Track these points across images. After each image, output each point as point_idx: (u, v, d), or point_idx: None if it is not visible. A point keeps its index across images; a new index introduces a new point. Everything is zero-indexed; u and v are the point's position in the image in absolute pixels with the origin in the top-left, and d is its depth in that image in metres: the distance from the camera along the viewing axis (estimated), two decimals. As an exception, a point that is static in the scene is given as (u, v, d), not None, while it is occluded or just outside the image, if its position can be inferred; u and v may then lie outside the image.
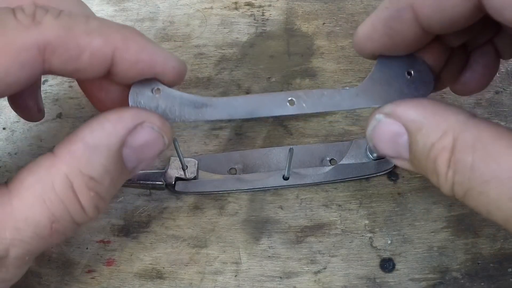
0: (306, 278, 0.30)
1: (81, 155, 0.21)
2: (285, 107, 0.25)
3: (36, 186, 0.21)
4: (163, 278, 0.30)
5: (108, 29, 0.22)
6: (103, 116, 0.22)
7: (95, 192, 0.22)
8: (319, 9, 0.41)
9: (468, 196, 0.20)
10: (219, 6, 0.41)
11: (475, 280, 0.29)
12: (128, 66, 0.22)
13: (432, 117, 0.21)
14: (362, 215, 0.32)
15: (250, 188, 0.32)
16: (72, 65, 0.21)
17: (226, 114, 0.25)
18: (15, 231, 0.20)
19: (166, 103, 0.24)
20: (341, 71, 0.37)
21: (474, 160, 0.19)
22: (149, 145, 0.23)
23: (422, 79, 0.25)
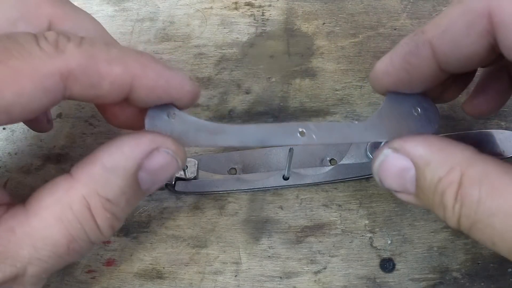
0: (306, 278, 0.30)
1: (99, 177, 0.22)
2: (296, 137, 0.26)
3: (55, 207, 0.21)
4: (163, 278, 0.30)
5: (127, 57, 0.22)
6: (121, 140, 0.23)
7: (111, 213, 0.22)
8: (319, 9, 0.41)
9: (474, 229, 0.21)
10: (219, 6, 0.41)
11: (475, 280, 0.29)
12: (146, 92, 0.23)
13: (440, 153, 0.22)
14: (362, 215, 0.32)
15: (250, 188, 0.32)
16: (92, 92, 0.22)
17: (239, 141, 0.26)
18: (33, 249, 0.21)
19: (181, 127, 0.25)
20: (341, 71, 0.38)
21: (481, 194, 0.20)
22: (164, 168, 0.24)
23: (428, 116, 0.26)
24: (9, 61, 0.20)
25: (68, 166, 0.34)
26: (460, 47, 0.23)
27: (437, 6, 0.41)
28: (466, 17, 0.22)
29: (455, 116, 0.35)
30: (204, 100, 0.36)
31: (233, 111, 0.36)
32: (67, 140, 0.35)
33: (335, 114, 0.36)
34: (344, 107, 0.36)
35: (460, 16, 0.22)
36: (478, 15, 0.22)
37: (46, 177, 0.33)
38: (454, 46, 0.23)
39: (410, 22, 0.40)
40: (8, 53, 0.20)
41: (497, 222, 0.20)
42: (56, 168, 0.34)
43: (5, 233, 0.21)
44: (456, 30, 0.22)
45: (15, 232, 0.21)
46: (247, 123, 0.35)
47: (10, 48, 0.20)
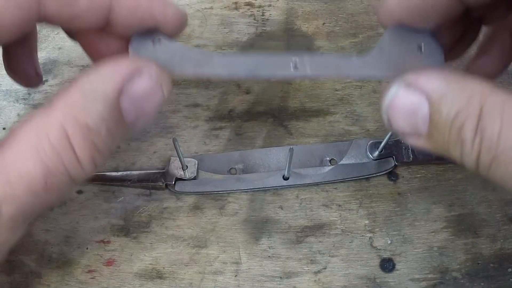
0: (306, 278, 0.30)
1: (77, 102, 0.20)
2: (288, 69, 0.24)
3: (30, 137, 0.20)
4: (163, 278, 0.30)
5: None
6: (101, 64, 0.21)
7: (91, 141, 0.20)
8: (319, 9, 0.41)
9: (495, 164, 0.19)
10: (219, 6, 0.41)
11: (475, 280, 0.29)
12: (127, 12, 0.21)
13: (456, 85, 0.20)
14: (362, 215, 0.32)
15: (250, 188, 0.32)
16: (68, 9, 0.21)
17: (227, 71, 0.24)
18: (7, 185, 0.19)
19: (166, 55, 0.24)
20: (341, 71, 0.37)
21: (503, 125, 0.19)
22: (148, 95, 0.22)
23: (433, 54, 0.25)
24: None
25: (68, 166, 0.34)
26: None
27: (437, 6, 0.41)
28: None
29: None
30: (204, 100, 0.36)
31: (233, 111, 0.36)
32: (67, 140, 0.35)
33: (335, 114, 0.36)
34: (344, 107, 0.36)
35: None
36: None
37: (46, 177, 0.33)
38: None
39: (410, 22, 0.40)
40: None
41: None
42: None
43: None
44: None
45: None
46: (246, 123, 0.35)
47: None
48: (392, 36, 0.25)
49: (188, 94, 0.37)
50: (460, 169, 0.33)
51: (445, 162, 0.33)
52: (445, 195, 0.32)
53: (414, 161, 0.33)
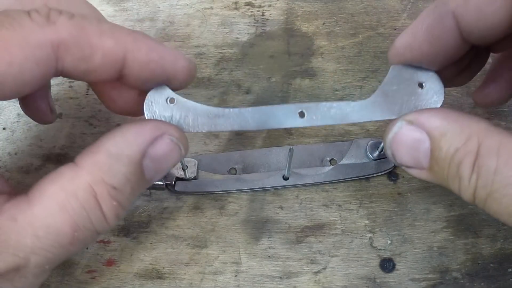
0: (306, 278, 0.30)
1: (104, 165, 0.22)
2: (296, 119, 0.26)
3: (59, 195, 0.21)
4: (163, 278, 0.30)
5: (119, 31, 0.22)
6: (125, 127, 0.23)
7: (117, 201, 0.22)
8: (319, 9, 0.41)
9: (491, 200, 0.20)
10: (219, 6, 0.41)
11: (475, 280, 0.29)
12: (140, 67, 0.23)
13: (456, 124, 0.22)
14: (362, 215, 0.32)
15: (250, 188, 0.32)
16: (84, 65, 0.22)
17: (238, 125, 0.26)
18: (36, 239, 0.21)
19: (180, 113, 0.25)
20: (341, 71, 0.37)
21: (499, 163, 0.20)
22: (168, 156, 0.23)
23: (433, 90, 0.26)
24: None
25: (68, 166, 0.34)
26: (485, 16, 0.22)
27: (437, 6, 0.41)
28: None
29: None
30: (204, 100, 0.36)
31: (233, 111, 0.36)
32: (67, 140, 0.35)
33: (335, 114, 0.36)
34: (344, 107, 0.36)
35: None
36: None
37: (46, 177, 0.33)
38: (478, 15, 0.22)
39: (410, 22, 0.40)
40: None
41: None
42: (56, 168, 0.33)
43: (7, 221, 0.20)
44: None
45: (17, 221, 0.20)
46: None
47: (2, 21, 0.20)
48: (395, 74, 0.26)
49: (188, 94, 0.37)
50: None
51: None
52: (445, 195, 0.32)
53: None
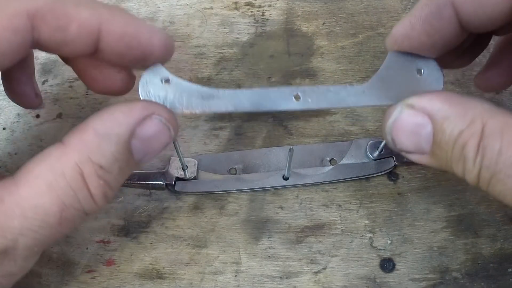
0: (306, 278, 0.30)
1: (92, 143, 0.21)
2: (291, 101, 0.25)
3: (46, 174, 0.21)
4: (163, 278, 0.30)
5: (95, 3, 0.22)
6: (114, 107, 0.22)
7: (104, 180, 0.22)
8: (319, 9, 0.41)
9: (495, 180, 0.20)
10: (219, 6, 0.41)
11: (475, 280, 0.29)
12: (115, 39, 0.23)
13: (459, 106, 0.21)
14: (362, 215, 0.32)
15: (250, 188, 0.32)
16: (60, 35, 0.22)
17: (232, 106, 0.25)
18: (24, 219, 0.20)
19: (174, 93, 0.25)
20: (341, 71, 0.37)
21: (503, 144, 0.20)
22: (157, 137, 0.23)
23: (432, 77, 0.25)
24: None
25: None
26: (484, 6, 0.22)
27: (437, 6, 0.41)
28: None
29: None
30: (204, 100, 0.36)
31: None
32: (67, 140, 0.35)
33: (335, 114, 0.36)
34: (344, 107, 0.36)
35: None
36: None
37: (46, 177, 0.33)
38: (478, 5, 0.22)
39: (410, 22, 0.40)
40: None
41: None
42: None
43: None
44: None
45: (4, 202, 0.20)
46: (246, 123, 0.35)
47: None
48: (393, 60, 0.25)
49: (188, 94, 0.37)
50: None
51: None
52: (445, 195, 0.32)
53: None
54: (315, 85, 0.25)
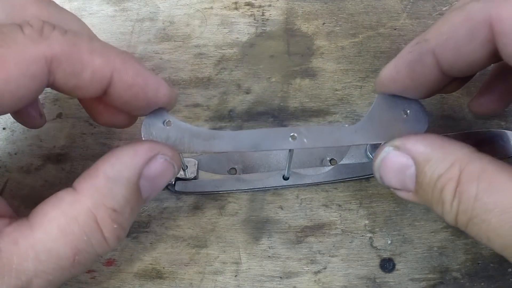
0: (306, 278, 0.30)
1: (103, 188, 0.22)
2: (287, 141, 0.27)
3: (60, 219, 0.21)
4: (163, 278, 0.30)
5: (109, 51, 0.23)
6: (120, 150, 0.23)
7: (118, 224, 0.23)
8: (319, 9, 0.41)
9: (471, 224, 0.21)
10: (219, 6, 0.41)
11: (475, 280, 0.29)
12: (124, 87, 0.24)
13: (440, 150, 0.23)
14: (362, 215, 0.32)
15: (250, 188, 0.32)
16: (74, 80, 0.22)
17: (232, 146, 0.27)
18: (38, 262, 0.21)
19: (176, 134, 0.26)
20: (341, 71, 0.38)
21: (478, 190, 0.21)
22: (162, 175, 0.24)
23: (417, 118, 0.27)
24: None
25: (68, 166, 0.34)
26: (463, 55, 0.23)
27: (437, 6, 0.41)
28: (467, 25, 0.22)
29: (455, 116, 0.35)
30: (204, 100, 0.36)
31: (233, 111, 0.36)
32: (67, 140, 0.35)
33: (335, 114, 0.36)
34: (344, 107, 0.36)
35: (462, 24, 0.23)
36: (479, 23, 0.22)
37: (46, 177, 0.33)
38: (457, 54, 0.23)
39: (410, 22, 0.40)
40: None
41: (493, 218, 0.20)
42: (56, 168, 0.34)
43: (9, 245, 0.21)
44: (458, 38, 0.23)
45: (19, 245, 0.21)
46: (246, 123, 0.35)
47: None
48: (381, 102, 0.28)
49: (188, 94, 0.37)
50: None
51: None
52: (445, 195, 0.32)
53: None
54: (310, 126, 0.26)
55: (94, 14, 0.41)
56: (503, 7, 0.21)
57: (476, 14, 0.22)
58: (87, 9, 0.41)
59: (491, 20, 0.22)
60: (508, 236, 0.20)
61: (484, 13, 0.22)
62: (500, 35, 0.22)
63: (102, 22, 0.40)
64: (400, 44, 0.38)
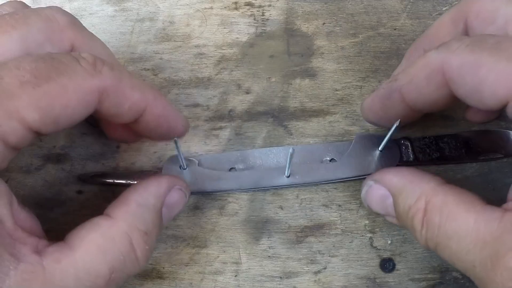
0: (306, 278, 0.30)
1: (136, 214, 0.25)
2: (283, 179, 0.32)
3: (99, 240, 0.24)
4: (163, 278, 0.30)
5: (145, 88, 0.27)
6: (146, 182, 0.27)
7: (148, 245, 0.25)
8: (319, 9, 0.41)
9: (438, 249, 0.24)
10: (219, 6, 0.41)
11: (475, 280, 0.29)
12: (153, 118, 0.28)
13: (410, 184, 0.26)
14: (362, 215, 0.32)
15: (250, 188, 0.32)
16: (115, 110, 0.26)
17: (237, 185, 0.32)
18: (77, 279, 0.23)
19: (190, 176, 0.32)
20: (341, 71, 0.37)
21: (441, 220, 0.24)
22: (178, 203, 0.29)
23: (391, 153, 0.32)
24: (58, 78, 0.23)
25: (68, 166, 0.34)
26: (423, 95, 0.27)
27: (437, 6, 0.41)
28: (425, 70, 0.26)
29: (455, 116, 0.35)
30: (204, 100, 0.36)
31: (233, 111, 0.36)
32: (67, 140, 0.35)
33: (335, 114, 0.36)
34: (344, 107, 0.36)
35: (422, 68, 0.26)
36: (435, 70, 0.25)
37: (46, 177, 0.33)
38: (419, 94, 0.27)
39: (410, 22, 0.40)
40: (56, 71, 0.23)
41: (453, 244, 0.23)
42: (56, 168, 0.34)
43: (52, 263, 0.22)
44: (419, 81, 0.27)
45: (61, 263, 0.22)
46: (246, 123, 0.35)
47: (58, 67, 0.23)
48: (358, 140, 0.33)
49: (188, 94, 0.37)
50: (460, 169, 0.33)
51: (445, 162, 0.33)
52: (445, 195, 0.32)
53: (414, 161, 0.33)
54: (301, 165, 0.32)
55: (94, 14, 0.41)
56: (453, 57, 0.25)
57: (433, 61, 0.26)
58: (87, 9, 0.41)
59: (443, 67, 0.25)
60: (466, 261, 0.22)
61: (438, 60, 0.25)
62: (451, 81, 0.25)
63: (102, 22, 0.40)
64: (400, 44, 0.38)
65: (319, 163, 0.33)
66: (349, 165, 0.32)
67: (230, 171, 0.33)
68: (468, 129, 0.35)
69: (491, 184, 0.33)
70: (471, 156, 0.33)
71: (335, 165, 0.32)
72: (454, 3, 0.41)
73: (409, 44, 0.36)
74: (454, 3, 0.41)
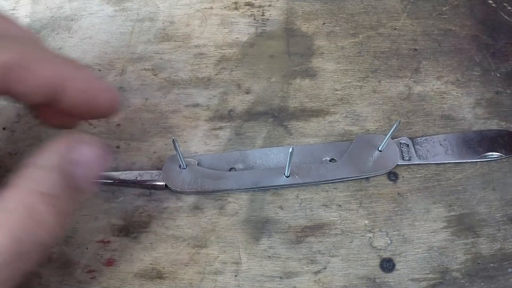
0: (306, 278, 0.30)
1: (35, 177, 0.23)
2: (282, 178, 0.32)
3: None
4: (163, 278, 0.30)
5: (60, 61, 0.25)
6: (49, 142, 0.24)
7: (54, 207, 0.23)
8: (319, 9, 0.41)
9: None
10: (219, 6, 0.41)
11: (475, 280, 0.29)
12: (76, 95, 0.25)
13: None
14: (362, 215, 0.32)
15: (250, 188, 0.32)
16: (21, 88, 0.24)
17: (237, 185, 0.32)
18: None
19: (190, 176, 0.32)
20: (341, 71, 0.38)
21: None
22: (92, 160, 0.25)
23: (390, 153, 0.33)
24: None
25: (68, 166, 0.34)
26: None
27: (437, 6, 0.41)
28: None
29: (455, 116, 0.35)
30: (204, 100, 0.36)
31: (233, 111, 0.36)
32: (67, 140, 0.35)
33: (335, 114, 0.36)
34: (344, 107, 0.36)
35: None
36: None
37: (46, 177, 0.33)
38: None
39: (410, 22, 0.40)
40: None
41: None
42: (56, 168, 0.34)
43: None
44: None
45: None
46: (246, 123, 0.35)
47: None
48: (358, 141, 0.33)
49: (188, 94, 0.37)
50: (460, 169, 0.33)
51: (445, 163, 0.33)
52: (445, 195, 0.32)
53: (414, 161, 0.33)
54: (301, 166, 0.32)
55: (94, 14, 0.41)
56: None
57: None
58: (87, 9, 0.41)
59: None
60: None
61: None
62: None
63: (102, 22, 0.40)
64: (400, 44, 0.38)
65: (319, 163, 0.33)
66: (349, 165, 0.32)
67: (230, 171, 0.33)
68: (469, 129, 0.35)
69: (491, 184, 0.33)
70: (471, 156, 0.33)
71: (335, 165, 0.32)
72: (454, 3, 0.41)
73: (409, 44, 0.37)
74: (454, 3, 0.41)
